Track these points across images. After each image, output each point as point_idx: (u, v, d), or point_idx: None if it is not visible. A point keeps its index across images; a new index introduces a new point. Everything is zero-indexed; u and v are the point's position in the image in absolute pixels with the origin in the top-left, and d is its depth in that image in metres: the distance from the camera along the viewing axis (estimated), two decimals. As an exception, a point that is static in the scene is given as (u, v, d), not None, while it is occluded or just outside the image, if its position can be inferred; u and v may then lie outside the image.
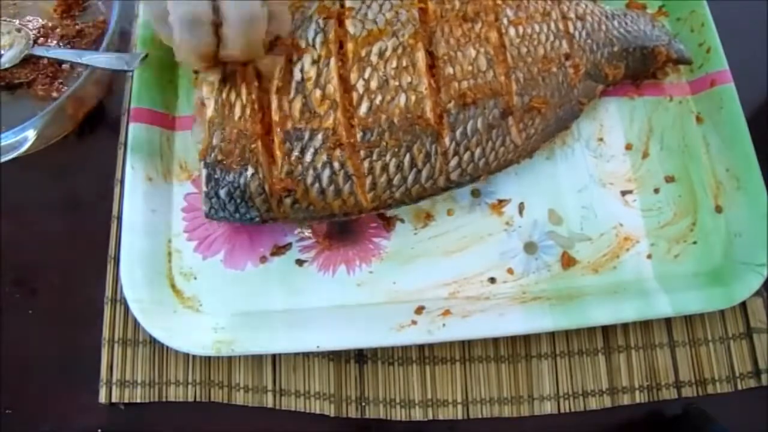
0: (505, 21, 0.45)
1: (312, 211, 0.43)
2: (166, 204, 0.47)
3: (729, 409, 0.44)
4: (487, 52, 0.44)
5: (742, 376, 0.45)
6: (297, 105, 0.42)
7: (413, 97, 0.42)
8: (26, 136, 0.45)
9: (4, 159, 0.45)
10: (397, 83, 0.42)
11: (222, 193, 0.42)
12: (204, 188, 0.43)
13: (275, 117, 0.42)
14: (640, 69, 0.49)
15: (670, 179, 0.48)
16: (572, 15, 0.47)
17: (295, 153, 0.41)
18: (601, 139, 0.50)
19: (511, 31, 0.45)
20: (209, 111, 0.42)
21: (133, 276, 0.44)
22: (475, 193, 0.48)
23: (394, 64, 0.42)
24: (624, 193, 0.48)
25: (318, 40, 0.43)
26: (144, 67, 0.49)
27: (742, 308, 0.46)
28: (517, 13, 0.45)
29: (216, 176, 0.42)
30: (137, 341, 0.45)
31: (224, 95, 0.42)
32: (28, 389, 0.45)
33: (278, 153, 0.42)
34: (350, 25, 0.43)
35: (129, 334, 0.45)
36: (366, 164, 0.42)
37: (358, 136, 0.42)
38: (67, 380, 0.45)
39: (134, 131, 0.47)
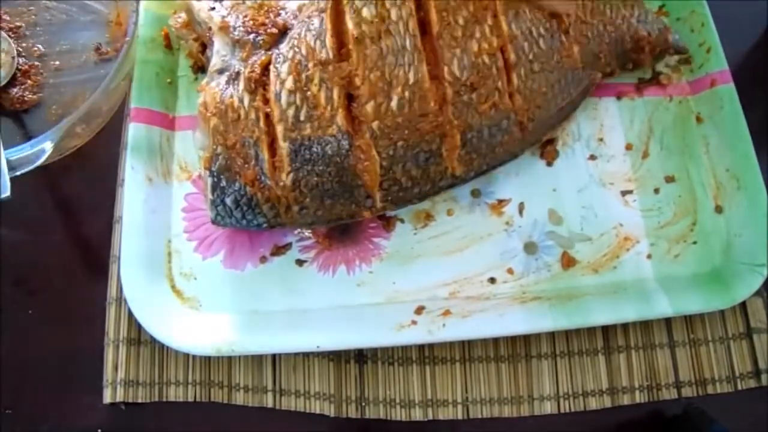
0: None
1: (320, 216, 0.43)
2: (166, 204, 0.47)
3: (729, 409, 0.44)
4: (489, 43, 0.43)
5: (742, 376, 0.45)
6: (301, 112, 0.41)
7: (417, 96, 0.41)
8: (43, 149, 0.44)
9: (20, 172, 0.44)
10: (399, 82, 0.41)
11: (228, 201, 0.42)
12: (210, 196, 0.42)
13: (279, 126, 0.41)
14: (635, 58, 0.49)
15: (670, 179, 0.48)
16: None
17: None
18: (601, 139, 0.50)
19: (513, 26, 0.44)
20: (212, 120, 0.42)
21: (133, 276, 0.44)
22: (475, 193, 0.48)
23: (394, 62, 0.42)
24: (624, 193, 0.48)
25: (318, 43, 0.42)
26: (144, 67, 0.49)
27: (742, 308, 0.46)
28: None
29: (222, 185, 0.42)
30: (138, 341, 0.45)
31: (227, 102, 0.42)
32: (28, 389, 0.45)
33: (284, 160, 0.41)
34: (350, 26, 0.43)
35: (130, 334, 0.45)
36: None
37: (366, 137, 0.41)
38: (68, 380, 0.45)
39: (134, 131, 0.47)
